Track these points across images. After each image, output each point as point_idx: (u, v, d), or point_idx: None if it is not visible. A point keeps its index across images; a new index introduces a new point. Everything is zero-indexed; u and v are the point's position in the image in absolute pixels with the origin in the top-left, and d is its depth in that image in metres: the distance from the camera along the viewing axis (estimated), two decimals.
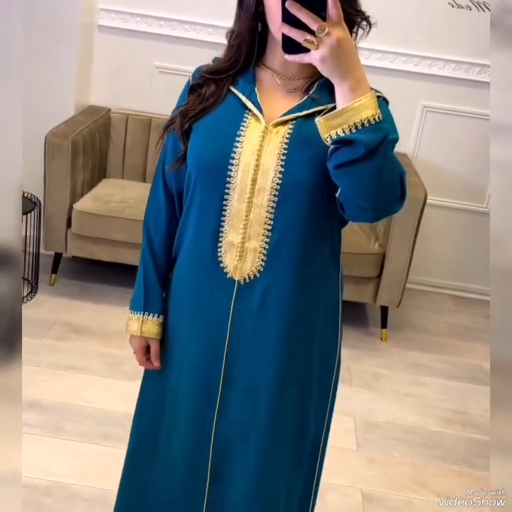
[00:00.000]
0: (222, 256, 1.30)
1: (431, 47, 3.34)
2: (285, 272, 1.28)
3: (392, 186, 1.16)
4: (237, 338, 1.32)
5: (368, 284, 3.07)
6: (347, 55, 1.07)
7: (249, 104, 1.26)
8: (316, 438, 1.43)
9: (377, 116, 1.10)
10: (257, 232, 1.27)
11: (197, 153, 1.28)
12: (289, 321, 1.31)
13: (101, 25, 3.41)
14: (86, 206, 3.07)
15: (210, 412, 1.36)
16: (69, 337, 2.85)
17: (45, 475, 2.11)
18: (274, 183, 1.24)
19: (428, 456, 2.45)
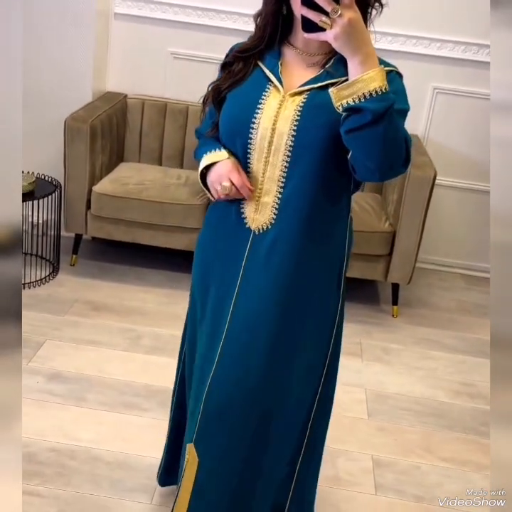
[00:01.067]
0: (243, 208, 1.48)
1: (440, 29, 3.38)
2: (292, 225, 1.43)
3: (397, 150, 1.29)
4: (246, 282, 1.47)
5: (378, 261, 3.15)
6: (357, 33, 1.22)
7: (271, 76, 1.43)
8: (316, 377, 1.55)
9: (384, 87, 1.23)
10: (271, 188, 1.43)
11: (224, 119, 1.46)
12: (290, 271, 1.45)
13: (117, 12, 3.50)
14: (105, 188, 3.17)
15: (223, 322, 1.51)
16: (89, 314, 2.97)
17: (69, 440, 2.22)
18: (287, 145, 1.40)
19: (436, 425, 2.53)
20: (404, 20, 3.36)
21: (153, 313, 3.03)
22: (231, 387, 1.49)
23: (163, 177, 3.34)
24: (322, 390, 1.57)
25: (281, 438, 1.55)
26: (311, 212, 1.42)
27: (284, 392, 1.51)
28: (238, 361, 1.48)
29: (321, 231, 1.45)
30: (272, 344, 1.47)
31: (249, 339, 1.48)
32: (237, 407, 1.49)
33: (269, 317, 1.47)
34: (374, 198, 3.37)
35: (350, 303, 3.23)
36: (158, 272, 3.36)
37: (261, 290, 1.46)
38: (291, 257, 1.44)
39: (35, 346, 2.68)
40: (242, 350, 1.48)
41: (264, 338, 1.47)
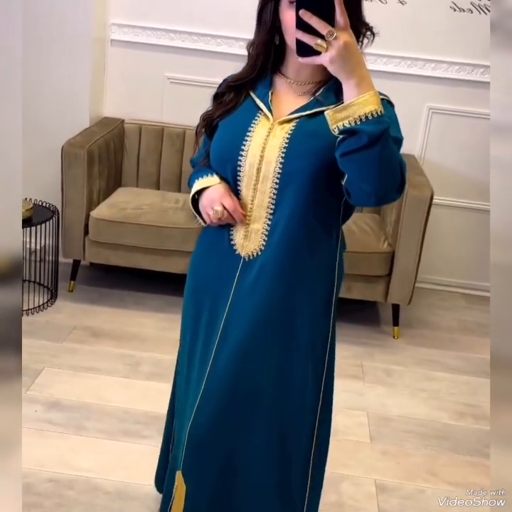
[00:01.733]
0: (233, 234, 1.49)
1: (435, 50, 3.41)
2: (280, 251, 1.43)
3: (392, 173, 1.29)
4: (235, 309, 1.48)
5: (378, 282, 3.13)
6: (353, 56, 1.22)
7: (261, 104, 1.46)
8: (312, 406, 1.53)
9: (379, 110, 1.23)
10: (260, 215, 1.44)
11: (214, 147, 1.49)
12: (277, 297, 1.45)
13: (113, 39, 3.52)
14: (102, 213, 3.17)
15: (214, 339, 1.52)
16: (88, 340, 2.94)
17: (68, 469, 2.19)
18: (275, 172, 1.41)
19: (440, 447, 2.50)
20: (399, 42, 3.39)
21: (152, 339, 3.01)
22: (215, 414, 1.49)
23: (161, 201, 3.34)
24: (320, 417, 1.55)
25: (275, 469, 1.53)
26: (300, 239, 1.43)
27: (274, 422, 1.49)
28: (224, 391, 1.48)
29: (309, 257, 1.45)
30: (259, 371, 1.47)
31: (234, 367, 1.47)
32: (223, 438, 1.50)
33: (257, 343, 1.46)
34: (372, 218, 3.37)
35: (350, 324, 3.25)
36: (158, 297, 3.34)
37: (249, 317, 1.46)
38: (278, 283, 1.45)
39: (34, 374, 2.65)
40: (227, 379, 1.47)
41: (251, 366, 1.47)
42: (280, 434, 1.51)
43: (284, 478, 1.55)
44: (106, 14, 3.46)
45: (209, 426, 1.50)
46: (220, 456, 1.51)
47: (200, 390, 1.50)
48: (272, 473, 1.53)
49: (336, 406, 1.67)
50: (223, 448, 1.51)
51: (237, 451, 1.51)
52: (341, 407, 2.62)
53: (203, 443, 1.51)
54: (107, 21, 3.49)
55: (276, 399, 1.49)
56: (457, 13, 3.34)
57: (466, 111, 3.48)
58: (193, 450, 1.51)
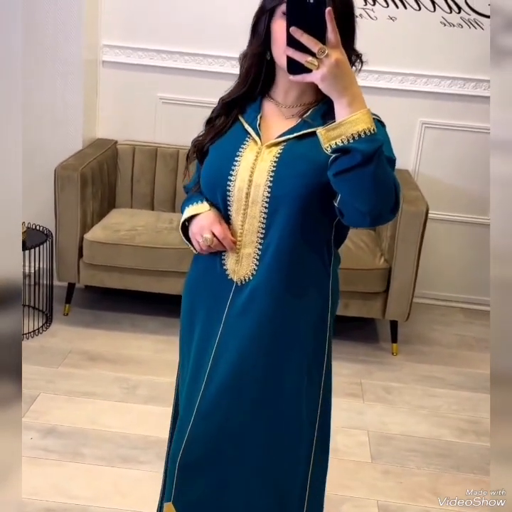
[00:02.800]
0: (225, 259, 1.47)
1: (426, 65, 3.41)
2: (271, 275, 1.41)
3: (387, 192, 1.26)
4: (226, 334, 1.46)
5: (375, 299, 3.11)
6: (344, 74, 1.20)
7: (249, 129, 1.44)
8: (309, 429, 1.50)
9: (372, 129, 1.21)
10: (250, 239, 1.42)
11: (203, 173, 1.48)
12: (268, 321, 1.43)
13: (105, 60, 3.52)
14: (96, 236, 3.15)
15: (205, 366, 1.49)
16: (84, 364, 2.91)
17: (64, 498, 2.15)
18: (264, 196, 1.39)
19: (443, 466, 2.47)
20: (390, 58, 3.39)
21: (149, 361, 2.97)
22: (206, 443, 1.46)
23: (156, 221, 3.32)
24: (317, 440, 1.52)
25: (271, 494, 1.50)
26: (290, 261, 1.41)
27: (267, 450, 1.46)
28: (216, 417, 1.45)
29: (301, 280, 1.43)
30: (247, 403, 1.44)
31: (227, 393, 1.45)
32: (215, 467, 1.47)
33: (249, 366, 1.44)
34: (368, 234, 3.35)
35: (348, 342, 3.22)
36: (153, 318, 3.31)
37: (240, 340, 1.44)
38: (269, 306, 1.42)
39: (29, 401, 2.61)
40: (220, 405, 1.45)
41: (243, 396, 1.44)
42: (273, 463, 1.47)
43: (280, 503, 1.51)
44: (97, 36, 3.46)
45: (200, 454, 1.47)
46: (213, 485, 1.48)
47: (190, 417, 1.47)
48: (267, 504, 1.50)
49: (336, 425, 1.65)
50: (215, 476, 1.48)
51: (230, 480, 1.48)
52: (341, 426, 2.59)
53: (195, 472, 1.47)
54: (98, 43, 3.49)
55: (269, 425, 1.46)
56: (447, 28, 3.35)
57: (459, 125, 3.48)
58: (185, 479, 1.48)
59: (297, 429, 1.47)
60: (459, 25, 3.34)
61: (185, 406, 1.52)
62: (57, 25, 3.28)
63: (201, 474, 1.48)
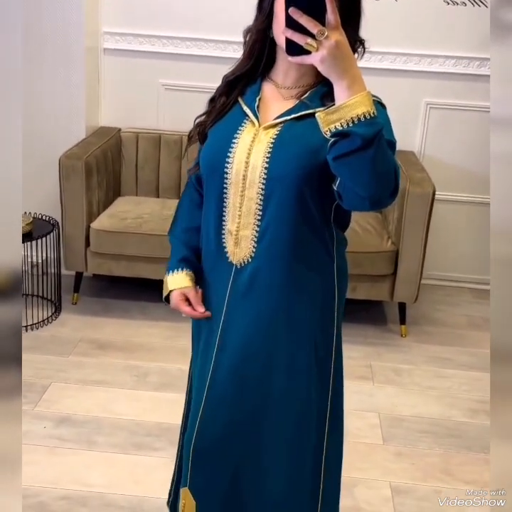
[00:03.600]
0: (225, 242, 1.47)
1: (430, 45, 3.38)
2: (271, 258, 1.42)
3: (387, 176, 1.25)
4: (230, 317, 1.48)
5: (383, 281, 3.11)
6: (344, 56, 1.18)
7: (247, 111, 1.44)
8: (320, 414, 1.51)
9: (372, 112, 1.19)
10: (248, 221, 1.43)
11: (202, 155, 1.49)
12: (272, 305, 1.43)
13: (106, 48, 3.50)
14: (103, 224, 3.15)
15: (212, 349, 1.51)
16: (94, 353, 2.92)
17: (81, 486, 2.17)
18: (261, 178, 1.39)
19: (454, 446, 2.48)
20: (394, 38, 3.36)
21: (159, 348, 2.99)
22: (219, 427, 1.48)
23: (161, 209, 3.32)
24: (329, 424, 1.52)
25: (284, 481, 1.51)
26: (290, 243, 1.41)
27: (281, 429, 1.48)
28: (227, 401, 1.47)
29: (303, 260, 1.43)
30: (259, 386, 1.45)
31: (232, 381, 1.46)
32: (230, 450, 1.48)
33: (255, 359, 1.44)
34: (375, 217, 3.35)
35: (357, 325, 3.23)
36: (162, 306, 3.24)
37: (244, 331, 1.45)
38: (271, 290, 1.43)
39: (41, 390, 2.63)
40: (230, 389, 1.46)
41: (251, 381, 1.45)
42: (288, 443, 1.49)
43: (294, 489, 1.52)
44: (97, 23, 3.44)
45: (214, 438, 1.48)
46: (228, 468, 1.49)
47: (200, 401, 1.49)
48: (281, 486, 1.51)
49: (347, 408, 1.64)
50: (230, 460, 1.49)
51: (244, 463, 1.49)
52: (352, 408, 2.60)
53: (210, 456, 1.49)
54: (99, 30, 3.47)
55: (280, 406, 1.46)
56: (451, 7, 3.32)
57: (464, 104, 3.46)
58: (200, 464, 1.50)
59: (308, 410, 1.47)
60: (462, 4, 3.31)
61: (197, 391, 1.54)
62: (58, 13, 3.26)
63: (215, 459, 1.49)
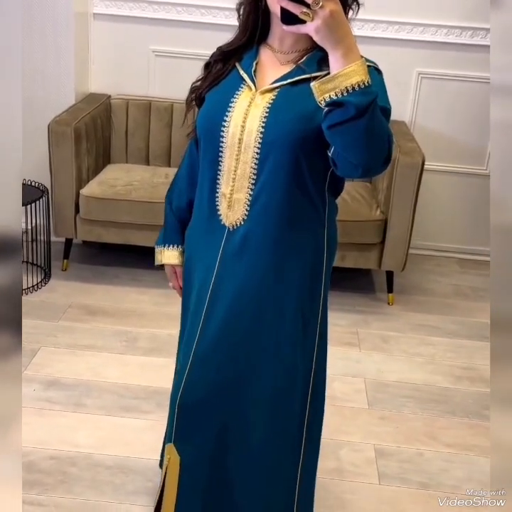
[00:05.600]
0: (218, 205, 1.49)
1: (422, 14, 3.36)
2: (263, 221, 1.44)
3: (379, 144, 1.26)
4: (220, 279, 1.50)
5: (371, 250, 3.13)
6: (339, 25, 1.19)
7: (244, 75, 1.45)
8: (304, 375, 1.54)
9: (366, 81, 1.20)
10: (242, 185, 1.45)
11: (199, 119, 1.50)
12: (263, 268, 1.46)
13: (96, 13, 3.46)
14: (92, 191, 3.15)
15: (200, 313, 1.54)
16: (84, 318, 2.94)
17: (69, 447, 2.20)
18: (256, 142, 1.41)
19: (438, 411, 2.52)
20: (386, 7, 3.34)
21: (148, 314, 3.01)
22: (206, 383, 1.50)
23: (151, 176, 3.31)
24: (313, 385, 1.55)
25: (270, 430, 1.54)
26: (283, 208, 1.42)
27: (265, 387, 1.51)
28: (215, 355, 1.50)
29: (293, 226, 1.45)
30: (242, 344, 1.49)
31: (219, 341, 1.49)
32: (216, 403, 1.51)
33: (245, 314, 1.47)
34: (364, 186, 3.35)
35: (345, 293, 3.25)
36: (152, 272, 3.33)
37: (234, 286, 1.47)
38: (262, 252, 1.45)
39: (30, 354, 2.65)
40: (212, 353, 1.49)
41: (240, 336, 1.48)
42: (274, 399, 1.52)
43: (279, 445, 1.55)
44: None
45: (201, 394, 1.51)
46: (215, 424, 1.52)
47: (188, 360, 1.51)
48: (266, 440, 1.54)
49: (333, 373, 1.68)
50: (217, 416, 1.52)
51: (231, 418, 1.52)
52: (338, 374, 2.64)
53: (197, 411, 1.52)
54: None
55: (267, 362, 1.49)
56: None
57: (456, 74, 3.45)
58: (186, 416, 1.52)
59: (293, 368, 1.50)
60: None
61: (184, 351, 1.56)
62: None
63: (202, 415, 1.52)
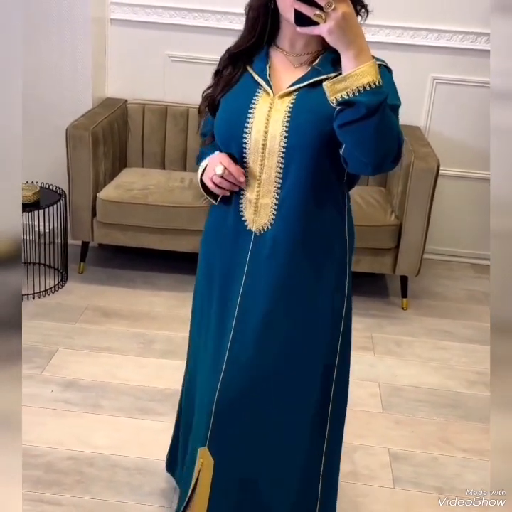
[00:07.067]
0: (243, 211, 1.51)
1: (437, 19, 3.37)
2: (291, 224, 1.46)
3: (389, 144, 1.31)
4: (251, 283, 1.51)
5: (386, 255, 3.14)
6: (351, 27, 1.23)
7: (260, 80, 1.46)
8: (327, 371, 1.56)
9: (377, 81, 1.25)
10: (268, 190, 1.47)
11: (218, 125, 1.50)
12: (293, 269, 1.48)
13: (113, 18, 3.50)
14: (109, 195, 3.18)
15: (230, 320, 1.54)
16: (100, 320, 2.97)
17: (87, 447, 2.23)
18: (280, 147, 1.43)
19: (452, 415, 2.53)
20: (401, 12, 3.36)
21: (163, 317, 3.03)
22: (240, 389, 1.52)
23: (167, 181, 3.34)
24: (335, 388, 1.58)
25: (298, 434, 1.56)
26: (308, 208, 1.45)
27: (295, 388, 1.53)
28: (250, 362, 1.51)
29: (320, 224, 1.48)
30: (280, 343, 1.50)
31: (257, 340, 1.50)
32: (250, 407, 1.53)
33: (276, 316, 1.49)
34: (379, 191, 3.37)
35: (359, 297, 3.26)
36: (167, 276, 3.36)
37: (268, 288, 1.49)
38: (293, 253, 1.47)
39: (48, 356, 2.68)
40: (250, 352, 1.50)
41: (272, 338, 1.50)
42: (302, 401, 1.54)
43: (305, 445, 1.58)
44: None
45: (236, 394, 1.52)
46: (248, 426, 1.54)
47: (221, 366, 1.52)
48: (299, 439, 1.56)
49: None
50: (249, 416, 1.54)
51: (263, 419, 1.54)
52: (353, 378, 2.60)
53: (231, 413, 1.53)
54: (106, 0, 3.46)
55: (296, 366, 1.52)
56: None
57: (471, 80, 3.45)
58: (222, 424, 1.53)
59: (317, 371, 1.53)
60: None
61: (213, 355, 1.56)
62: None
63: (235, 417, 1.53)
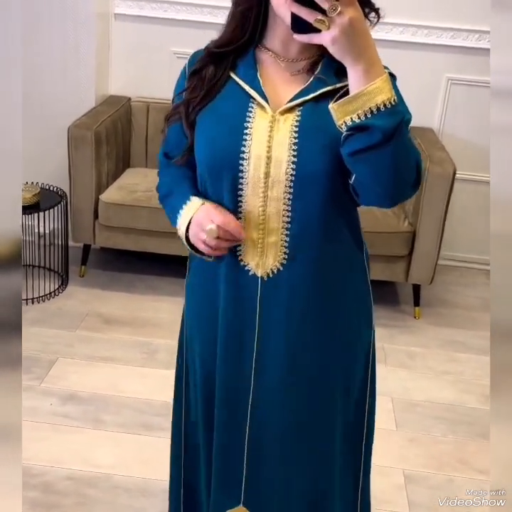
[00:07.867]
0: (241, 254, 1.26)
1: (453, 18, 3.26)
2: (306, 260, 1.24)
3: (408, 170, 1.13)
4: (267, 331, 1.28)
5: (398, 262, 3.04)
6: (359, 36, 1.02)
7: (252, 92, 1.20)
8: (356, 422, 1.44)
9: (392, 99, 1.05)
10: (275, 226, 1.22)
11: (203, 152, 1.24)
12: (318, 309, 1.29)
13: (117, 13, 3.38)
14: (112, 197, 3.07)
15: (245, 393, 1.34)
16: (102, 327, 2.87)
17: (87, 466, 2.12)
18: (288, 175, 1.19)
19: (469, 433, 2.43)
20: (415, 10, 3.24)
21: (167, 324, 2.92)
22: (269, 445, 1.35)
23: None
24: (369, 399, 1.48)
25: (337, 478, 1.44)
26: (327, 243, 1.24)
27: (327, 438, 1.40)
28: (280, 418, 1.34)
29: (339, 259, 1.28)
30: (309, 390, 1.35)
31: (281, 398, 1.32)
32: (284, 454, 1.37)
33: (302, 370, 1.32)
34: None
35: None
36: (170, 280, 3.25)
37: (286, 335, 1.28)
38: (315, 297, 1.27)
39: (47, 365, 2.58)
40: (275, 410, 1.33)
41: (304, 386, 1.34)
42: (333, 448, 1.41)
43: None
44: None
45: (268, 452, 1.36)
46: (280, 477, 1.39)
47: (244, 427, 1.35)
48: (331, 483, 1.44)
49: None
50: (285, 470, 1.38)
51: (294, 471, 1.39)
52: None
53: (266, 472, 1.37)
54: None
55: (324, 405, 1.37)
56: None
57: (487, 80, 3.34)
58: (257, 480, 1.37)
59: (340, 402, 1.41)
60: None
61: (227, 427, 1.38)
62: None
63: (268, 470, 1.37)
